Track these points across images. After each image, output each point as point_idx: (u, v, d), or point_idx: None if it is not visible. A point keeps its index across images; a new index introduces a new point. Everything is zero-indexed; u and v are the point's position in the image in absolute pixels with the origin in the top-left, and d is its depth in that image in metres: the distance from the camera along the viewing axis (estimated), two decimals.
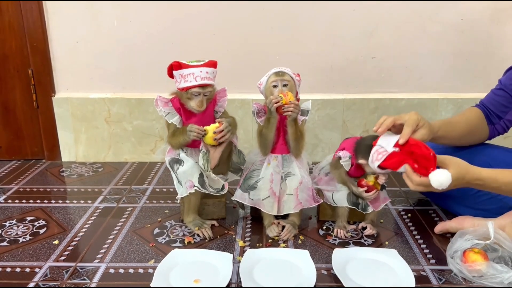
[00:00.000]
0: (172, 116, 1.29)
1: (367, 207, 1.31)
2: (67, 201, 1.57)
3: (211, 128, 1.23)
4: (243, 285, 1.05)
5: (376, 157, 1.09)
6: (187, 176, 1.28)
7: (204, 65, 1.25)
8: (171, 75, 1.29)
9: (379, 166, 1.08)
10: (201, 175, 1.28)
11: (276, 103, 1.21)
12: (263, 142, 1.31)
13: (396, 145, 1.05)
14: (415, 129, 1.13)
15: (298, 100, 1.33)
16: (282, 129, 1.31)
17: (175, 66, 1.26)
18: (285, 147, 1.33)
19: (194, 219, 1.35)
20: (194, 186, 1.26)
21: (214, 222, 1.37)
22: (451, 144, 1.39)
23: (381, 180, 1.27)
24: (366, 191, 1.27)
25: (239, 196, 1.33)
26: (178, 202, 1.42)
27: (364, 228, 1.33)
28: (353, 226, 1.35)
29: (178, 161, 1.30)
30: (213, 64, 1.27)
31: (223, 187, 1.30)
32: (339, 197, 1.32)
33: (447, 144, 1.38)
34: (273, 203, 1.30)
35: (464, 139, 1.37)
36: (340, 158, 1.28)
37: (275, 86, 1.26)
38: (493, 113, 1.37)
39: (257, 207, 1.31)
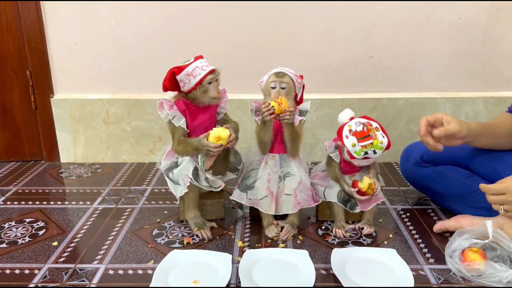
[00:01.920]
0: (179, 119, 1.28)
1: (355, 206, 1.32)
2: (66, 202, 1.57)
3: (225, 137, 1.23)
4: (242, 286, 1.05)
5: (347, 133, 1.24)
6: (184, 171, 1.28)
7: (197, 58, 1.27)
8: (171, 86, 1.27)
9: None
10: (195, 169, 1.28)
11: (270, 114, 1.21)
12: (261, 143, 1.32)
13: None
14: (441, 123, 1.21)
15: (300, 101, 1.33)
16: (279, 129, 1.31)
17: (176, 72, 1.25)
18: (283, 147, 1.33)
19: (195, 216, 1.34)
20: (189, 178, 1.26)
21: (214, 224, 1.37)
22: (487, 146, 1.33)
23: (376, 184, 1.30)
24: (357, 192, 1.29)
25: (237, 196, 1.33)
26: (178, 203, 1.42)
27: (362, 229, 1.33)
28: (352, 226, 1.35)
29: (176, 165, 1.31)
30: (201, 57, 1.29)
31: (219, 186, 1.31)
32: (330, 193, 1.33)
33: (482, 146, 1.32)
34: (271, 202, 1.30)
35: (501, 141, 1.31)
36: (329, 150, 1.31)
37: (273, 88, 1.26)
38: None
39: (255, 206, 1.31)
